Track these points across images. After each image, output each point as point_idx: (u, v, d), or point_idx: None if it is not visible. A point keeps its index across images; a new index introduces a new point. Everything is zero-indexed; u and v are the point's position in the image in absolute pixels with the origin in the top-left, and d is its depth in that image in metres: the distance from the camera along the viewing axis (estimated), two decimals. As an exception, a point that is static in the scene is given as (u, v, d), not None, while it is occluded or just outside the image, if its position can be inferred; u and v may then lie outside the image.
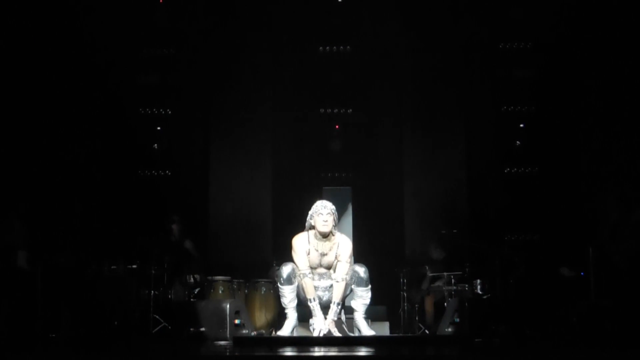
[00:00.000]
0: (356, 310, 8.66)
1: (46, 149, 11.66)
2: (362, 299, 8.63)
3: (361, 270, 8.60)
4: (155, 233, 11.22)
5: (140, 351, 7.94)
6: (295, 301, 8.69)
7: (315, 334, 8.48)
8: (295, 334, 8.74)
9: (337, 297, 8.53)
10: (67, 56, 11.75)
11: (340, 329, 8.59)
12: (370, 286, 8.64)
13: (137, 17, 12.24)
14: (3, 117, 11.22)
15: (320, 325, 8.47)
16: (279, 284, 8.71)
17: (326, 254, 8.58)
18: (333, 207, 8.56)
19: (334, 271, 8.60)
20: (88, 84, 11.91)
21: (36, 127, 11.55)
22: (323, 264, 8.61)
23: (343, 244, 8.59)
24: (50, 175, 11.62)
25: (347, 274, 8.55)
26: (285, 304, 8.69)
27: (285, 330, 8.62)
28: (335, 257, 8.57)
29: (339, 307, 8.56)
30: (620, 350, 7.62)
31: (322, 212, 8.49)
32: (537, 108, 12.40)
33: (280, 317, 9.07)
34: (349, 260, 8.61)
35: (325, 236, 8.53)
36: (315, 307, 8.53)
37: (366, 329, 8.58)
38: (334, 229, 8.57)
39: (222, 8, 12.36)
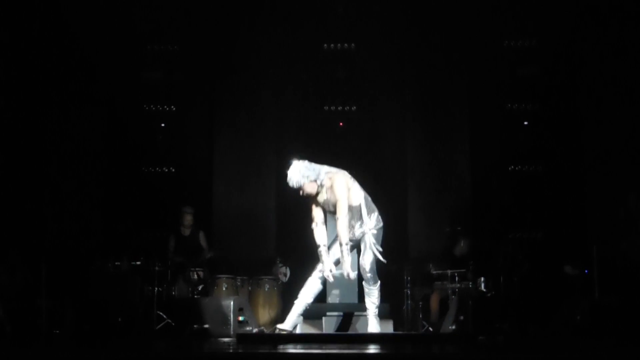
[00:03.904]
0: (367, 309, 8.60)
1: (50, 145, 11.67)
2: (368, 296, 8.58)
3: (367, 268, 8.50)
4: (166, 227, 11.27)
5: (143, 348, 7.94)
6: (310, 300, 8.57)
7: (327, 277, 8.40)
8: (297, 331, 8.73)
9: (341, 236, 8.29)
10: (70, 53, 11.75)
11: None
12: (378, 283, 8.56)
13: (141, 13, 12.23)
14: (8, 113, 11.24)
15: (327, 268, 8.36)
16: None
17: (325, 198, 8.42)
18: (295, 179, 8.28)
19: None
20: (92, 80, 11.91)
21: (40, 124, 11.56)
22: (331, 205, 8.40)
23: (332, 180, 8.37)
24: (54, 172, 11.63)
25: (345, 210, 8.30)
26: (301, 295, 8.56)
27: (287, 325, 8.56)
28: (334, 197, 8.37)
29: (348, 246, 8.30)
30: (624, 347, 7.61)
31: (294, 191, 8.35)
32: (541, 106, 12.39)
33: (283, 314, 9.05)
34: (344, 194, 8.33)
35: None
36: (323, 252, 8.39)
37: (371, 327, 8.53)
38: (315, 184, 8.35)
39: (227, 4, 12.35)
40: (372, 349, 7.53)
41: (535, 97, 12.41)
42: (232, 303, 9.73)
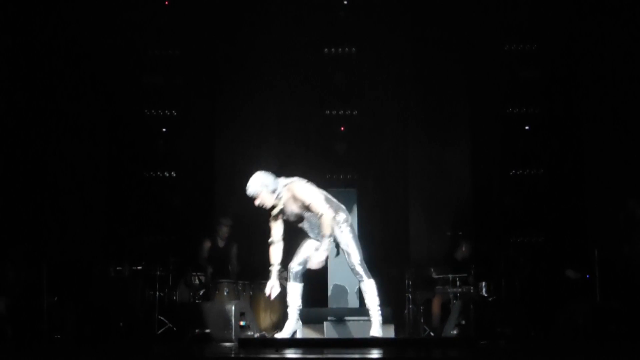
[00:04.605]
0: (369, 309, 8.56)
1: (51, 149, 11.68)
2: (365, 294, 8.53)
3: (356, 266, 8.43)
4: (204, 237, 11.26)
5: (145, 352, 7.94)
6: (299, 303, 8.60)
7: (267, 292, 8.44)
8: (298, 336, 8.72)
9: (323, 229, 8.21)
10: (71, 57, 11.76)
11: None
12: (372, 280, 8.51)
13: (142, 18, 12.25)
14: (10, 116, 11.26)
15: (271, 286, 8.39)
16: (287, 282, 8.63)
17: (288, 209, 8.40)
18: (253, 187, 8.29)
19: (307, 220, 8.44)
20: (93, 85, 11.92)
21: (41, 128, 11.58)
22: (294, 216, 8.43)
23: (292, 191, 8.32)
24: (55, 176, 11.64)
25: (323, 205, 8.26)
26: (288, 303, 8.63)
27: (285, 333, 8.55)
28: (298, 206, 8.37)
29: (330, 239, 8.25)
30: (626, 352, 7.61)
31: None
32: (542, 110, 12.39)
33: (285, 318, 9.04)
34: (310, 194, 8.31)
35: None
36: (273, 272, 8.41)
37: (374, 331, 8.50)
38: (272, 195, 8.32)
39: (227, 9, 12.36)
40: (373, 354, 7.53)
41: (536, 101, 12.40)
42: (233, 308, 9.73)
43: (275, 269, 8.47)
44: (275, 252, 8.53)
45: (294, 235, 8.80)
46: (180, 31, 12.45)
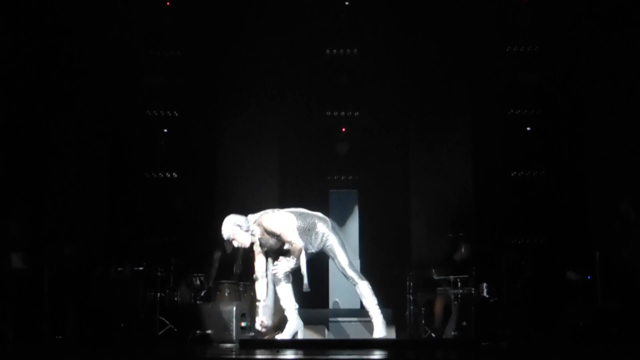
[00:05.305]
0: (368, 311, 8.58)
1: (52, 151, 11.69)
2: (362, 297, 8.58)
3: (346, 270, 8.58)
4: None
5: (146, 353, 7.95)
6: (294, 303, 8.61)
7: (258, 328, 8.58)
8: (299, 336, 8.73)
9: (292, 255, 8.50)
10: (73, 58, 11.77)
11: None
12: (366, 282, 8.57)
13: (144, 19, 12.25)
14: (12, 118, 11.26)
15: (260, 322, 8.56)
16: (275, 286, 8.66)
17: (264, 242, 8.56)
18: (228, 229, 8.45)
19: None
20: (95, 86, 11.93)
21: (43, 130, 11.58)
22: (275, 244, 8.58)
23: (262, 225, 8.50)
24: (56, 177, 11.65)
25: (292, 236, 8.47)
26: (284, 306, 8.64)
27: (286, 334, 8.57)
28: (273, 236, 8.53)
29: (295, 259, 8.51)
30: (627, 354, 7.61)
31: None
32: (543, 111, 12.39)
33: (286, 319, 9.04)
34: (279, 225, 8.48)
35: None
36: (260, 307, 8.57)
37: (377, 332, 8.49)
38: (247, 234, 8.48)
39: (229, 10, 12.37)
40: (375, 355, 7.53)
41: (537, 103, 12.40)
42: (234, 309, 9.73)
43: (262, 304, 8.61)
44: (261, 288, 8.64)
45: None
46: (181, 32, 12.46)
